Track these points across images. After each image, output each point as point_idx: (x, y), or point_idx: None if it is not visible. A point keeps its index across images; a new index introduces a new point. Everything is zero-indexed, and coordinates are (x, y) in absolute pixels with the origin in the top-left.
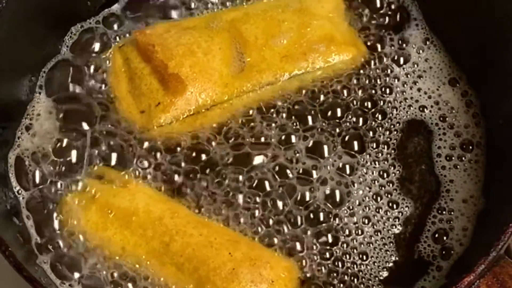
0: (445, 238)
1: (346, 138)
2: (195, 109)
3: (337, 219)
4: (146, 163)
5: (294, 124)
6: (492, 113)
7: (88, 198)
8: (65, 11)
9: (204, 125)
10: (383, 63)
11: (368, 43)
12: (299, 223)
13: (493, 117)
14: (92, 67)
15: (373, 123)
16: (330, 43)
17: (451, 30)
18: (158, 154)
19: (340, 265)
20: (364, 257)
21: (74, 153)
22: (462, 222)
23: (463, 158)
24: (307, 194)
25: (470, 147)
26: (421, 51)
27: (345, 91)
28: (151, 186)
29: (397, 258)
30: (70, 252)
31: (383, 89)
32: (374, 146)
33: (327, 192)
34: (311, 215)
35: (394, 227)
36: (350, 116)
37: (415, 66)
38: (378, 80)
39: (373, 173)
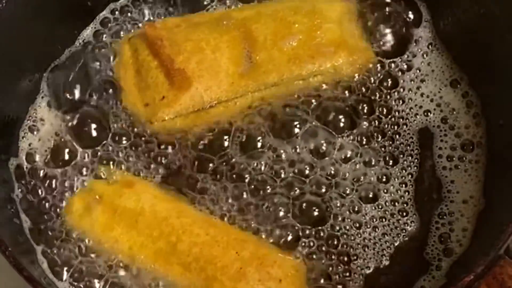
0: (446, 239)
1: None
2: (199, 106)
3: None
4: (148, 159)
5: (295, 125)
6: (492, 114)
7: (93, 199)
8: (66, 11)
9: (207, 122)
10: (389, 69)
11: (377, 49)
12: (307, 221)
13: (494, 118)
14: (96, 67)
15: (389, 132)
16: (338, 48)
17: (453, 32)
18: (160, 150)
19: (341, 263)
20: (365, 256)
21: (78, 154)
22: (462, 222)
23: (464, 159)
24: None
25: (471, 147)
26: (425, 56)
27: (352, 97)
28: (153, 181)
29: (397, 258)
30: (75, 253)
31: (391, 96)
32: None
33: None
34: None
35: (398, 227)
36: (358, 121)
37: (418, 71)
38: (385, 85)
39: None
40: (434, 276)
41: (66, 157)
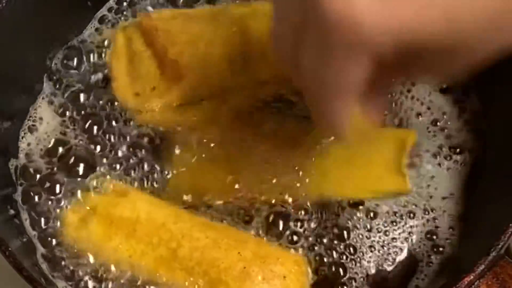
0: (446, 239)
1: None
2: (189, 99)
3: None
4: (143, 162)
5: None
6: (483, 116)
7: (88, 210)
8: (66, 10)
9: (196, 115)
10: None
11: None
12: (309, 217)
13: (484, 121)
14: (96, 65)
15: None
16: None
17: None
18: (148, 145)
19: (346, 258)
20: (364, 254)
21: (77, 155)
22: (461, 223)
23: (457, 161)
24: None
25: (463, 150)
26: None
27: None
28: (147, 186)
29: (396, 256)
30: (75, 254)
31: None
32: None
33: None
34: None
35: (396, 227)
36: None
37: None
38: None
39: None
40: (433, 276)
41: (66, 158)
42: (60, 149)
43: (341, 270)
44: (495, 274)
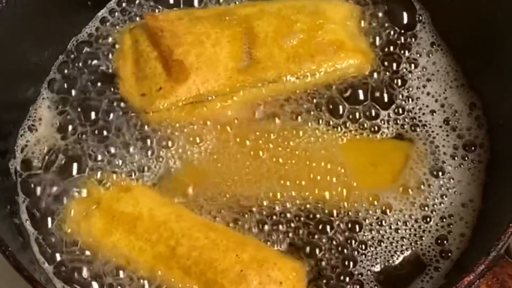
0: (446, 239)
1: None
2: (195, 98)
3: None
4: (146, 160)
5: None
6: (494, 114)
7: (91, 204)
8: (67, 10)
9: (202, 115)
10: (390, 72)
11: (378, 50)
12: (308, 222)
13: (495, 118)
14: (97, 64)
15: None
16: (339, 49)
17: (456, 33)
18: (157, 150)
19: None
20: (366, 252)
21: (77, 155)
22: (462, 223)
23: (465, 159)
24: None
25: (472, 148)
26: (430, 55)
27: (351, 97)
28: (150, 184)
29: (397, 257)
30: (75, 254)
31: (402, 95)
32: None
33: None
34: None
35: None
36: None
37: (424, 70)
38: (391, 85)
39: None
40: (433, 276)
41: (66, 156)
42: (61, 148)
43: (351, 263)
44: (495, 274)
